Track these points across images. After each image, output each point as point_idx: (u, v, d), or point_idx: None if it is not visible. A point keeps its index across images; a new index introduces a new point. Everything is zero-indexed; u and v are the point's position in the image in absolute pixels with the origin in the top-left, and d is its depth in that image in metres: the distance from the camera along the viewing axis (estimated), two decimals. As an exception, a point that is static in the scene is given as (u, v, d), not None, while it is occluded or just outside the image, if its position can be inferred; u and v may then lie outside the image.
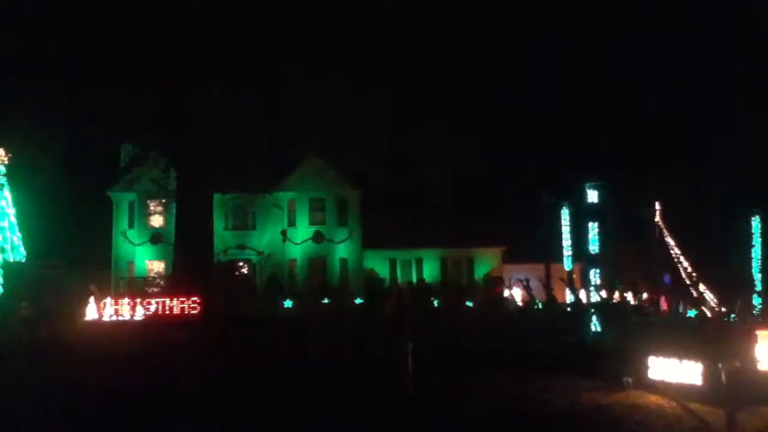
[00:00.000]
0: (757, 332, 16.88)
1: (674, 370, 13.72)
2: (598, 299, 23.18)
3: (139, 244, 35.73)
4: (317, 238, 36.49)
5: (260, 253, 36.72)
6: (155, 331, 20.61)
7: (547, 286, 28.23)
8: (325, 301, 31.23)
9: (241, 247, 36.63)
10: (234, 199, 35.94)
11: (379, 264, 37.87)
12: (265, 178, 35.86)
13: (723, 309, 26.74)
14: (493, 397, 13.58)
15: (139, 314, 24.09)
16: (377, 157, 37.78)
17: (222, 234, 34.64)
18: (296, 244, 36.56)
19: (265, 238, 36.94)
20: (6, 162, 36.18)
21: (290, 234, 36.71)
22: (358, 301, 31.82)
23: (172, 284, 26.75)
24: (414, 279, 36.79)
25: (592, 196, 25.03)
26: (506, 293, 32.25)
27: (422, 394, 13.20)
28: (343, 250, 36.95)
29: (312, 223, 36.96)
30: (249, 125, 32.09)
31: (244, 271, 35.92)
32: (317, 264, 36.63)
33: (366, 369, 15.30)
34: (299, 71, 33.01)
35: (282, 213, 37.10)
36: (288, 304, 30.36)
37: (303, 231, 36.76)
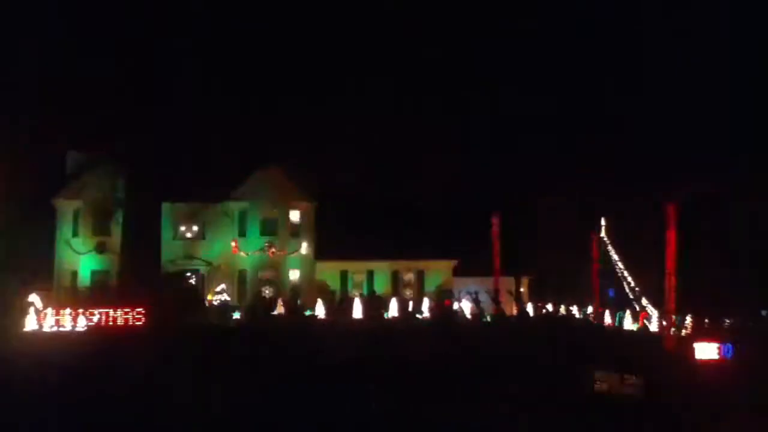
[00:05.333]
0: (694, 344, 17.50)
1: (614, 383, 14.06)
2: (544, 312, 23.60)
3: (83, 254, 34.85)
4: (267, 249, 36.22)
5: (209, 264, 36.19)
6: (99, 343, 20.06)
7: (496, 300, 28.61)
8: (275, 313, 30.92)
9: (190, 257, 36.04)
10: (183, 207, 35.43)
11: (331, 276, 37.77)
12: (216, 187, 35.49)
13: (664, 323, 27.52)
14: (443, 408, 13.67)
15: (82, 325, 23.43)
16: (333, 169, 37.88)
17: (170, 243, 34.03)
18: (247, 254, 36.19)
19: (215, 248, 36.44)
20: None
21: (241, 244, 36.31)
22: (308, 312, 31.61)
23: (118, 295, 26.14)
24: (365, 291, 36.80)
25: (541, 212, 25.67)
26: (456, 306, 32.50)
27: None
28: (294, 262, 36.75)
29: (264, 233, 36.67)
30: (202, 133, 31.76)
31: (192, 281, 35.31)
32: (268, 276, 36.38)
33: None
34: (258, 80, 32.90)
35: (233, 223, 36.70)
36: (236, 315, 29.94)
37: (254, 242, 36.42)
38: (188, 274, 35.47)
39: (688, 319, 27.20)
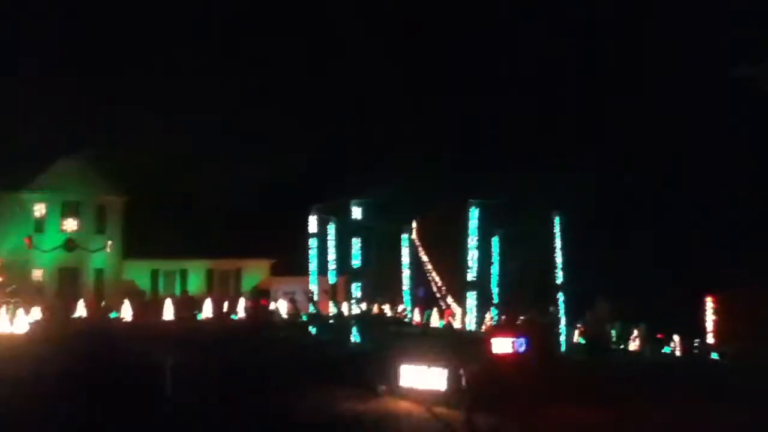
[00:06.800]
0: (492, 339, 19.10)
1: (422, 377, 14.95)
2: (359, 311, 24.39)
3: None
4: (69, 245, 33.61)
5: (-1, 261, 32.79)
6: None
7: (311, 300, 29.10)
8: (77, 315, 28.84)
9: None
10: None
11: (140, 275, 35.89)
12: (8, 174, 32.32)
13: (466, 320, 29.60)
14: (259, 407, 13.70)
15: None
16: (144, 161, 35.96)
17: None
18: (45, 251, 33.30)
19: (6, 243, 33.07)
20: None
21: (37, 240, 33.32)
22: (113, 315, 29.85)
23: None
24: (178, 291, 35.45)
25: (357, 213, 26.44)
26: (272, 306, 32.44)
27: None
28: (99, 259, 34.43)
29: (64, 229, 33.98)
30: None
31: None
32: (69, 275, 33.71)
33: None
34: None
35: (29, 216, 33.62)
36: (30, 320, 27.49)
37: (53, 237, 33.65)
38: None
39: (488, 316, 29.45)
